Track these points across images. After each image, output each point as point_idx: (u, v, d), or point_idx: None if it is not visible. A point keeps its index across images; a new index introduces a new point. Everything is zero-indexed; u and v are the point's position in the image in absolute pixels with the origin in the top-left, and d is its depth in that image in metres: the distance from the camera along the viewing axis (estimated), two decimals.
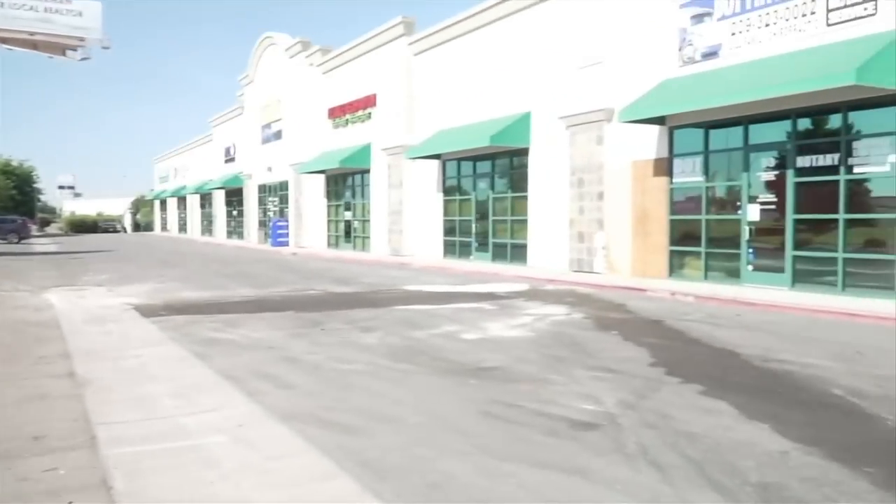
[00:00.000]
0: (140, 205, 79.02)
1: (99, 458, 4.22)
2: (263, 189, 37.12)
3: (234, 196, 42.58)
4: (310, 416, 5.28)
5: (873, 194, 11.30)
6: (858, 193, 11.41)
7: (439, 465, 4.27)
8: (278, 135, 34.20)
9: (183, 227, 58.09)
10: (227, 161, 43.34)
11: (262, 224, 37.03)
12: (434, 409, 5.50)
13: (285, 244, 32.33)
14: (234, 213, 43.59)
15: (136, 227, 76.75)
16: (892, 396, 5.67)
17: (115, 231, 70.59)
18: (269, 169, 35.11)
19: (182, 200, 57.53)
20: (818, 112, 11.84)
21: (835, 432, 4.84)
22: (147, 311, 10.78)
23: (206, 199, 50.47)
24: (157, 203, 69.02)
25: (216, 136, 45.72)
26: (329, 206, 30.19)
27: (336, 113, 28.27)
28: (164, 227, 66.02)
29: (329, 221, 30.25)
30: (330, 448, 4.47)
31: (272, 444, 4.46)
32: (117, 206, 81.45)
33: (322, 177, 30.10)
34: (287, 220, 33.05)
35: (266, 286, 15.12)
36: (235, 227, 43.53)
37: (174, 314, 10.74)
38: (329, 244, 30.13)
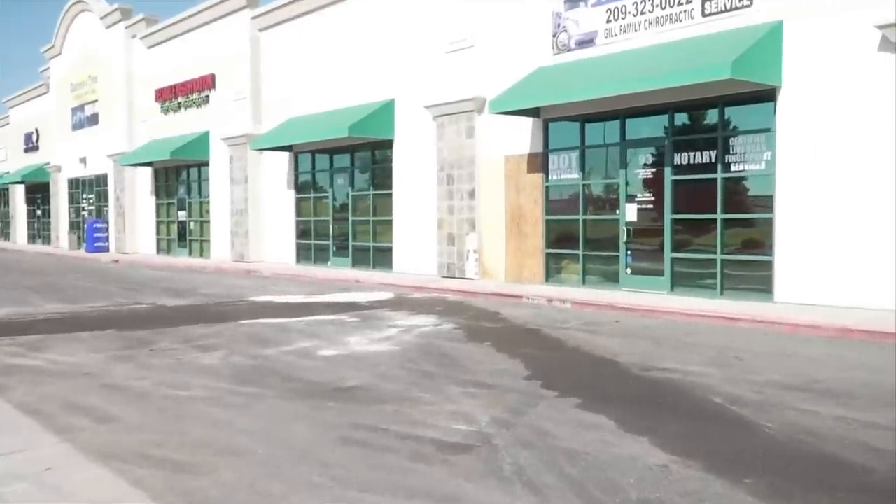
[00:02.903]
0: None
1: None
2: (76, 184, 35.03)
3: (39, 192, 39.92)
4: (136, 453, 5.06)
5: (750, 193, 12.29)
6: (736, 192, 12.36)
7: (293, 501, 4.21)
8: (94, 119, 32.40)
9: None
10: (28, 150, 40.55)
11: (76, 226, 34.98)
12: (287, 437, 5.42)
13: (104, 250, 30.70)
14: (39, 212, 40.90)
15: None
16: (770, 403, 6.19)
17: None
18: (83, 160, 33.18)
19: None
20: (695, 107, 12.72)
21: (715, 443, 5.22)
22: None
23: (0, 196, 46.92)
24: None
25: (14, 118, 42.60)
26: (159, 205, 28.97)
27: (166, 95, 27.17)
28: None
29: (159, 223, 29.03)
30: (161, 490, 4.31)
31: (89, 490, 4.23)
32: None
33: (149, 170, 28.86)
34: (106, 222, 31.39)
35: (81, 300, 14.32)
36: (40, 230, 40.84)
37: None
38: (159, 249, 28.92)
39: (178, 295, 15.22)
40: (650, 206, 13.27)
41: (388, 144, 18.56)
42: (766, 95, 11.65)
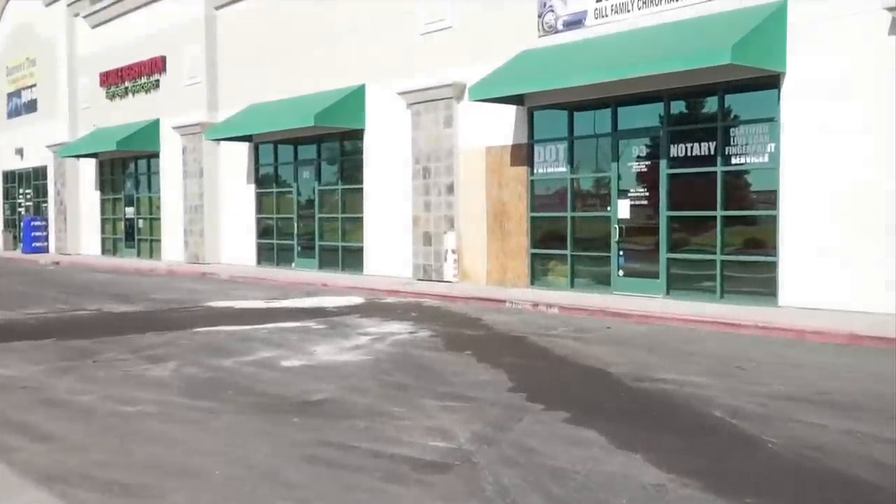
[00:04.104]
0: None
1: None
2: (11, 178, 34.74)
3: None
4: (80, 475, 5.02)
5: (752, 188, 12.41)
6: (737, 187, 12.47)
7: None
8: (31, 106, 32.10)
9: None
10: None
11: (11, 224, 34.66)
12: (247, 456, 5.40)
13: (43, 250, 30.46)
14: None
15: None
16: (774, 416, 6.26)
17: None
18: (20, 151, 32.90)
19: None
20: (692, 94, 12.81)
21: (714, 459, 5.27)
22: None
23: None
24: None
25: None
26: (104, 201, 28.76)
27: (112, 79, 26.97)
28: None
29: (104, 221, 28.82)
30: None
31: None
32: None
33: (94, 162, 28.64)
34: (46, 219, 31.15)
35: (16, 306, 14.19)
36: None
37: None
38: (105, 250, 28.72)
39: (126, 300, 15.11)
40: (644, 202, 13.34)
41: (358, 135, 18.52)
42: (770, 82, 11.75)
